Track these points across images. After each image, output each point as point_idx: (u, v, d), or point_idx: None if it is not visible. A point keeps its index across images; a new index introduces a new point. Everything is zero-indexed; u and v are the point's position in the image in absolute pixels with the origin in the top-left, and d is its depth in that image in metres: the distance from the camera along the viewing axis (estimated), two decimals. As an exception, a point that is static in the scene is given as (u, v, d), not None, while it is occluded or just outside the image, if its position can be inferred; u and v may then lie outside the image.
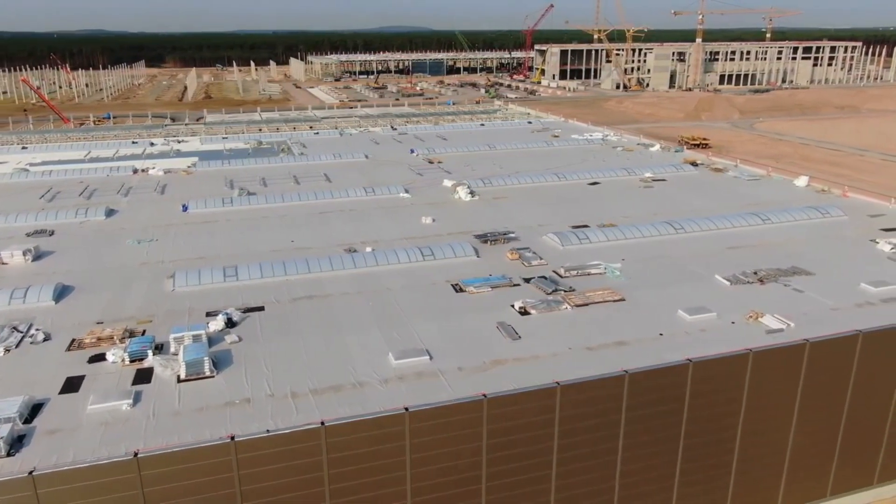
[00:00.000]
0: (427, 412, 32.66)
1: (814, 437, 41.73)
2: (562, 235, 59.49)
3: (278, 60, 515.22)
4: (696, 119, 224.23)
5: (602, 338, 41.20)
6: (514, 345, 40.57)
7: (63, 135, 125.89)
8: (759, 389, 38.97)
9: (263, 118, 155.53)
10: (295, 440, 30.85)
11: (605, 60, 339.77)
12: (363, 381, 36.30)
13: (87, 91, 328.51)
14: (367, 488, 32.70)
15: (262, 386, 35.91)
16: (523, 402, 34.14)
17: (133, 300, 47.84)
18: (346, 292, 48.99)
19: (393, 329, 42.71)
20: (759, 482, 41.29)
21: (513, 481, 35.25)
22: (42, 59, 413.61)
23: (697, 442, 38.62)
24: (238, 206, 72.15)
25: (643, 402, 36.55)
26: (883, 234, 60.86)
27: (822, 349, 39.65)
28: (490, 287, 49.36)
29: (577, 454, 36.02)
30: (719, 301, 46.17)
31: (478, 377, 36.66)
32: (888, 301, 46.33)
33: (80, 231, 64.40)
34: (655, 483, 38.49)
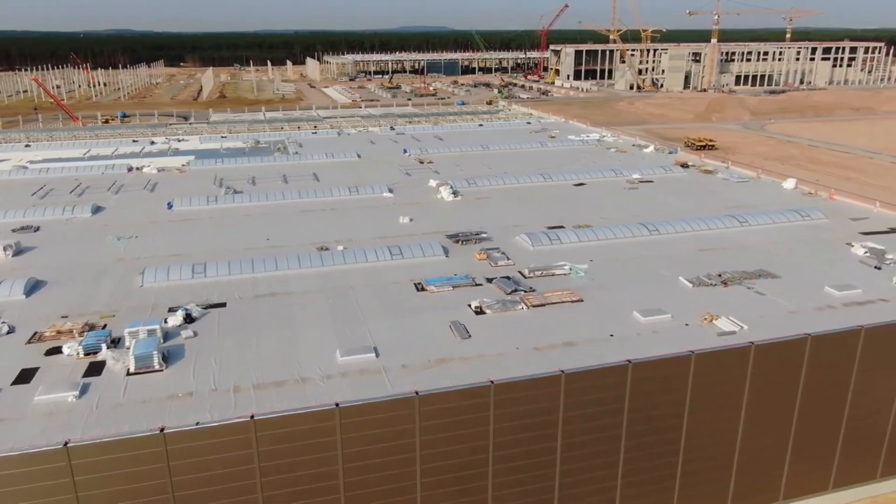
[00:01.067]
0: (357, 408, 33.23)
1: (764, 441, 41.58)
2: (533, 236, 59.71)
3: (296, 60, 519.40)
4: (707, 120, 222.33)
5: (552, 338, 41.39)
6: (463, 344, 40.95)
7: (69, 133, 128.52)
8: (704, 391, 38.98)
9: (267, 118, 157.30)
10: (224, 433, 31.58)
11: (620, 61, 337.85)
12: (306, 378, 36.93)
13: (104, 90, 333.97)
14: (299, 482, 33.35)
15: (207, 380, 36.69)
16: (455, 401, 34.55)
17: (101, 295, 48.99)
18: (309, 290, 49.71)
19: (347, 327, 43.31)
20: (707, 485, 41.25)
21: (449, 478, 35.68)
22: (64, 59, 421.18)
23: (640, 443, 38.72)
24: (222, 204, 73.34)
25: (582, 403, 36.76)
26: (860, 238, 60.28)
27: (768, 352, 39.54)
28: (451, 287, 49.79)
29: (514, 453, 36.33)
30: (678, 303, 46.15)
31: (420, 375, 37.11)
32: (850, 305, 45.99)
33: (65, 228, 65.95)
34: (597, 483, 38.66)
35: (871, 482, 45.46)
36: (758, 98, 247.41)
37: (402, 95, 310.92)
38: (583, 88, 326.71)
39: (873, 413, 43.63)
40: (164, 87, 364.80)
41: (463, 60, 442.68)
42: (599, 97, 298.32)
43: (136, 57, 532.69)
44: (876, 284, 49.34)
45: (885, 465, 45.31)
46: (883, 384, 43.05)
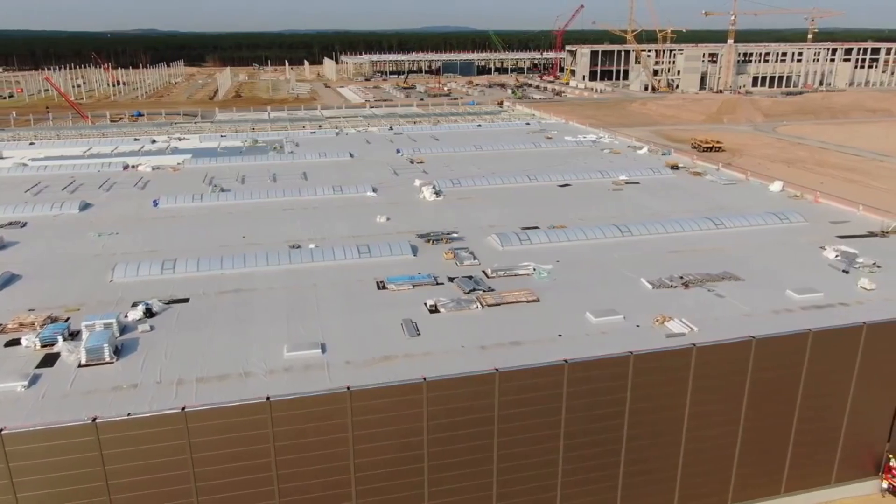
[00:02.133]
0: (288, 402, 34.00)
1: (710, 443, 41.60)
2: (503, 236, 60.07)
3: (315, 60, 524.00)
4: (718, 122, 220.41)
5: (500, 337, 41.74)
6: (412, 341, 41.52)
7: (76, 131, 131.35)
8: (645, 393, 39.15)
9: (271, 117, 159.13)
10: (155, 424, 32.52)
11: (635, 62, 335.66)
12: (250, 372, 37.76)
13: (124, 89, 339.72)
14: (232, 473, 34.20)
15: (154, 373, 37.68)
16: (387, 396, 35.16)
17: (71, 290, 50.33)
18: (273, 287, 50.61)
19: (301, 323, 44.09)
20: (651, 485, 41.38)
21: (383, 473, 36.31)
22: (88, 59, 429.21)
23: (580, 443, 39.01)
24: (207, 202, 74.69)
25: (518, 401, 37.14)
26: (836, 241, 59.70)
27: (711, 354, 39.59)
28: (412, 285, 50.37)
29: (450, 450, 36.84)
30: (634, 304, 46.24)
31: (361, 371, 37.73)
32: (808, 308, 45.72)
33: (51, 223, 67.67)
34: (536, 481, 39.01)
35: (825, 487, 45.23)
36: (771, 100, 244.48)
37: (416, 95, 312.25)
38: (597, 89, 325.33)
39: (825, 418, 43.41)
40: (182, 87, 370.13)
41: (479, 61, 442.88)
42: (612, 98, 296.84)
43: (158, 56, 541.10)
44: (840, 288, 48.98)
45: (840, 470, 45.05)
46: (834, 389, 42.82)
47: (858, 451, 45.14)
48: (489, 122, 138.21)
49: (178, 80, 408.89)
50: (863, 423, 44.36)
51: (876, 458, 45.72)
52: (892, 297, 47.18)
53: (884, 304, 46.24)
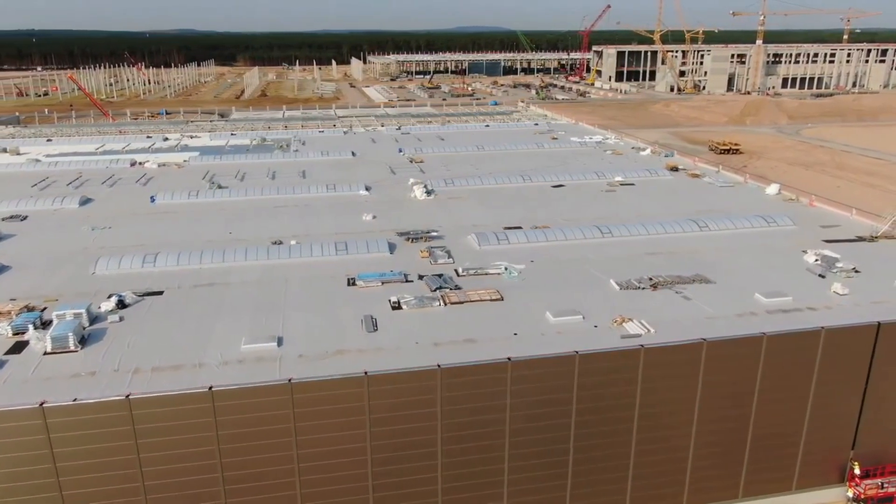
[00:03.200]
0: (231, 392, 35.00)
1: (661, 445, 41.50)
2: (481, 236, 60.47)
3: (345, 60, 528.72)
4: (741, 124, 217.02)
5: (457, 335, 42.17)
6: (368, 337, 42.24)
7: (95, 129, 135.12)
8: (593, 392, 39.25)
9: (285, 116, 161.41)
10: (100, 410, 33.79)
11: (661, 62, 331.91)
12: (204, 363, 38.84)
13: (154, 88, 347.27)
14: (177, 460, 35.32)
15: (113, 362, 38.99)
16: (329, 389, 35.94)
17: (55, 281, 52.20)
18: (246, 282, 51.81)
19: (265, 317, 45.08)
20: (603, 485, 41.42)
21: (326, 464, 37.09)
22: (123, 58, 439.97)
23: (526, 440, 39.28)
24: (203, 199, 76.47)
25: (461, 398, 37.60)
26: (820, 245, 58.77)
27: (660, 355, 39.54)
28: (381, 282, 51.10)
29: (392, 444, 37.48)
30: (598, 305, 46.27)
31: (312, 364, 38.51)
32: (773, 312, 45.23)
33: (51, 217, 70.04)
34: (481, 477, 39.40)
35: (786, 493, 44.73)
36: (797, 101, 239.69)
37: (440, 95, 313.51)
38: (622, 90, 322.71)
39: (783, 423, 42.94)
40: (210, 86, 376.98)
41: (505, 61, 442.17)
42: (636, 99, 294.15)
43: (191, 56, 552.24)
44: (812, 292, 48.34)
45: (802, 476, 44.50)
46: (791, 394, 42.34)
47: (822, 458, 44.54)
48: (499, 123, 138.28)
49: (207, 80, 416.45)
50: (825, 429, 43.76)
51: (841, 466, 45.05)
52: (862, 303, 46.45)
53: (854, 308, 45.58)
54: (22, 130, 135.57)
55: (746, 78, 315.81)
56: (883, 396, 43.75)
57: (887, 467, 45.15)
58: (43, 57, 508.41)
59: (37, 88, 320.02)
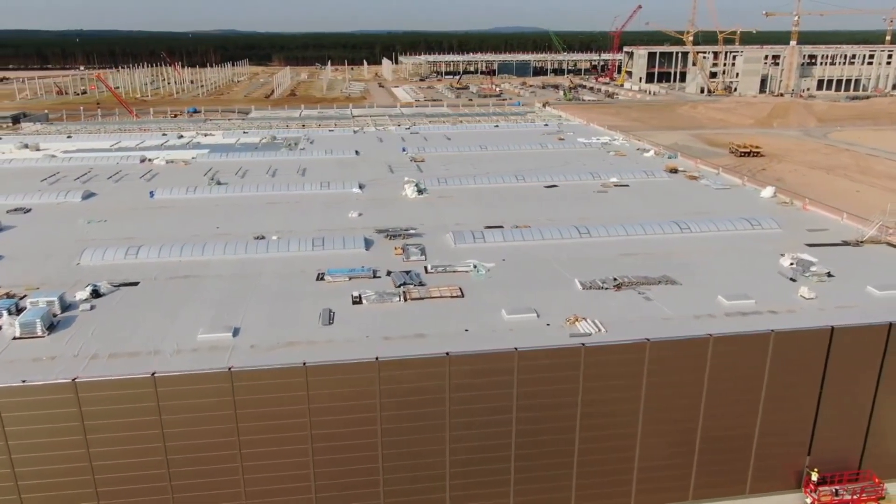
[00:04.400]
0: (173, 378, 36.42)
1: (607, 443, 41.63)
2: (457, 234, 61.12)
3: (377, 60, 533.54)
4: (767, 126, 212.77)
5: (409, 329, 42.94)
6: (322, 330, 43.30)
7: (117, 126, 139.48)
8: (534, 389, 39.63)
9: (302, 115, 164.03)
10: (48, 392, 35.52)
11: (692, 64, 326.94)
12: (160, 350, 40.38)
13: (188, 87, 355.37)
14: (123, 442, 36.88)
15: (75, 348, 40.77)
16: (269, 378, 37.10)
17: (42, 270, 54.49)
18: (221, 275, 53.38)
19: (229, 309, 46.47)
20: (546, 481, 41.73)
21: (268, 451, 38.26)
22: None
23: (468, 434, 39.86)
24: (200, 194, 78.66)
25: (401, 391, 38.38)
26: (802, 249, 57.95)
27: (602, 354, 39.73)
28: (348, 278, 52.19)
29: (333, 433, 38.45)
30: (557, 304, 46.48)
31: (263, 354, 39.67)
32: (732, 315, 44.95)
33: (53, 210, 72.92)
34: (423, 469, 40.11)
35: (739, 497, 44.40)
36: (827, 104, 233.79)
37: (467, 96, 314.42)
38: (651, 91, 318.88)
39: (734, 426, 42.65)
40: (243, 85, 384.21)
41: (536, 62, 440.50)
42: (664, 101, 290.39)
43: (228, 56, 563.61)
44: (778, 296, 47.81)
45: (756, 480, 44.12)
46: (741, 396, 42.04)
47: (777, 463, 44.09)
48: (510, 123, 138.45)
49: (241, 80, 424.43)
50: (779, 434, 43.31)
51: (798, 472, 44.52)
52: (827, 307, 45.84)
53: (816, 313, 45.00)
54: (48, 127, 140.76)
55: (780, 80, 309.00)
56: (838, 402, 43.16)
57: (845, 475, 44.49)
58: (86, 56, 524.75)
59: (76, 87, 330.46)
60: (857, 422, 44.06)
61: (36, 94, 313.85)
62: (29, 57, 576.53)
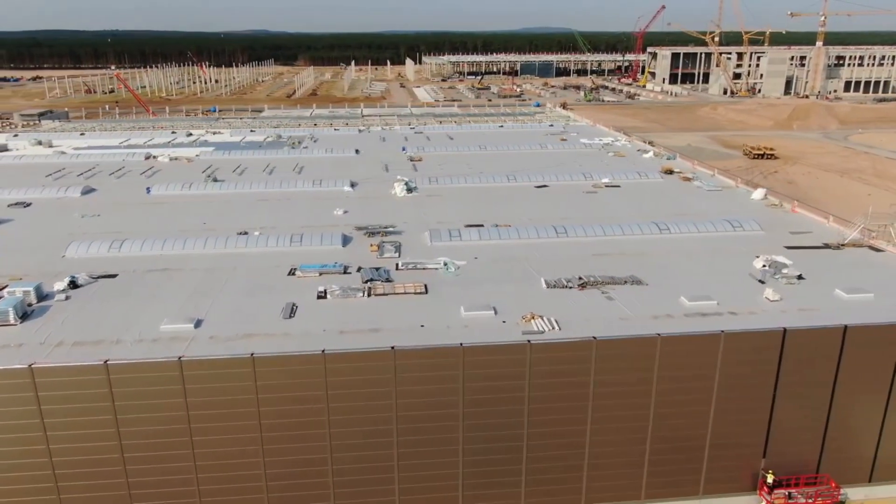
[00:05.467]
0: (124, 366, 37.75)
1: (557, 440, 41.94)
2: (434, 233, 61.84)
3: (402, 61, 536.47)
4: (787, 128, 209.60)
5: (366, 324, 43.59)
6: (283, 323, 44.25)
7: (133, 124, 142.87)
8: (481, 385, 40.15)
9: (313, 115, 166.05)
10: (4, 377, 37.08)
11: (716, 65, 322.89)
12: (121, 340, 41.77)
13: (213, 87, 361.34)
14: (79, 426, 38.31)
15: (42, 336, 42.33)
16: (218, 368, 38.22)
17: (28, 262, 56.37)
18: (197, 269, 54.78)
19: (197, 301, 47.75)
20: (495, 479, 42.21)
21: (220, 438, 39.39)
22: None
23: (416, 428, 40.54)
24: (195, 191, 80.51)
25: (347, 383, 39.23)
26: (780, 251, 57.46)
27: (548, 352, 40.10)
28: (319, 273, 53.23)
29: (281, 423, 39.45)
30: (518, 302, 46.77)
31: (220, 344, 40.70)
32: (691, 315, 44.89)
33: (52, 205, 75.30)
34: (372, 461, 40.88)
35: (692, 498, 44.38)
36: (851, 106, 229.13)
37: (487, 96, 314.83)
38: (672, 92, 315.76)
39: (685, 426, 42.66)
40: (266, 85, 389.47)
41: (559, 62, 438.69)
42: (685, 102, 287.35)
43: (256, 56, 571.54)
44: (742, 298, 47.58)
45: (710, 482, 44.07)
46: (692, 397, 42.03)
47: (731, 465, 43.96)
48: (515, 124, 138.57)
49: (265, 79, 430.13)
50: (733, 436, 43.20)
51: (754, 474, 44.34)
52: (789, 310, 45.52)
53: (778, 315, 44.67)
54: (65, 125, 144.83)
55: (806, 81, 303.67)
56: (794, 405, 42.92)
57: (802, 478, 44.19)
58: (117, 56, 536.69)
59: (104, 86, 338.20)
60: (814, 425, 43.75)
61: (66, 92, 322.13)
62: (63, 57, 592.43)
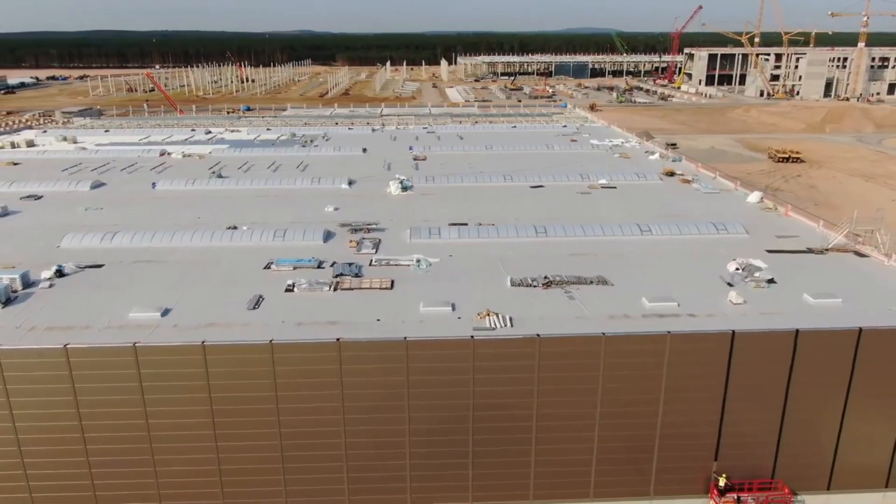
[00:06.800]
0: (84, 350, 39.75)
1: (501, 436, 42.50)
2: (414, 230, 62.85)
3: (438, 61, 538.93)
4: (820, 131, 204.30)
5: (327, 317, 44.71)
6: (246, 314, 45.68)
7: (156, 122, 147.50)
8: (426, 378, 40.99)
9: (332, 114, 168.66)
10: (-32, 359, 39.45)
11: (752, 66, 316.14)
12: (91, 326, 43.88)
13: (249, 86, 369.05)
14: (39, 407, 40.47)
15: (20, 320, 44.74)
16: (172, 354, 39.94)
17: (25, 251, 59.24)
18: (181, 261, 56.82)
19: (170, 292, 49.70)
20: (441, 472, 42.98)
21: (171, 424, 41.09)
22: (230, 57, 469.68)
23: (363, 419, 41.61)
24: (198, 186, 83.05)
25: (294, 372, 40.53)
26: (761, 255, 56.81)
27: (492, 347, 40.71)
28: (293, 267, 54.76)
29: (232, 409, 40.95)
30: (478, 299, 47.38)
31: (183, 332, 42.48)
32: (649, 316, 44.95)
33: (62, 198, 78.65)
34: (320, 449, 42.07)
35: (642, 499, 44.42)
36: (890, 108, 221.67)
37: (518, 97, 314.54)
38: (707, 94, 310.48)
39: (632, 427, 42.72)
40: (301, 84, 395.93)
41: (595, 63, 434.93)
42: (719, 104, 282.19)
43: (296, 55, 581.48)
44: (706, 300, 47.34)
45: (660, 483, 44.09)
46: (639, 397, 42.08)
47: (682, 467, 43.88)
48: (530, 124, 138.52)
49: (301, 79, 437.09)
50: (683, 437, 43.12)
51: (706, 477, 44.15)
52: (749, 313, 45.18)
53: (738, 318, 44.42)
54: (94, 122, 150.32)
55: (847, 83, 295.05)
56: (745, 409, 42.61)
57: (755, 483, 43.82)
58: (161, 56, 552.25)
59: (145, 85, 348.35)
60: (768, 430, 43.35)
61: (108, 91, 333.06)
62: (110, 56, 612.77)
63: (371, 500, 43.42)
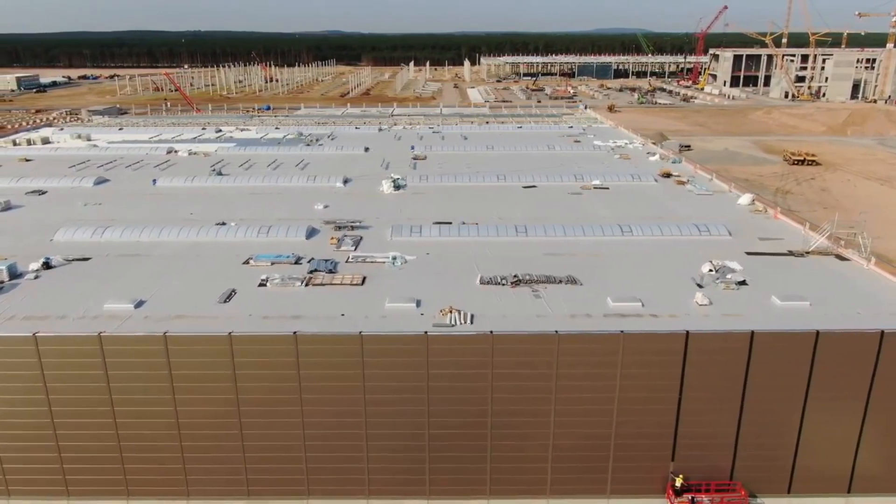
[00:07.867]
0: (52, 339, 41.31)
1: (456, 431, 43.05)
2: (395, 228, 63.69)
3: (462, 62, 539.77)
4: (841, 134, 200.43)
5: (293, 311, 45.80)
6: (217, 307, 46.94)
7: (172, 120, 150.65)
8: (383, 373, 41.75)
9: (344, 114, 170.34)
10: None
11: (777, 67, 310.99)
12: (67, 315, 45.49)
13: (273, 86, 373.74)
14: (13, 392, 42.18)
15: (1, 309, 46.72)
16: (136, 344, 41.32)
17: (19, 244, 61.46)
18: (164, 255, 58.53)
19: (150, 284, 51.23)
20: (399, 465, 43.70)
21: (136, 411, 42.49)
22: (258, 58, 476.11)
23: (322, 411, 42.53)
24: (197, 183, 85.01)
25: (253, 364, 41.61)
26: (739, 257, 56.56)
27: (447, 344, 41.31)
28: (270, 263, 55.99)
29: (195, 399, 42.19)
30: (446, 297, 47.97)
31: (154, 324, 43.78)
32: (609, 316, 45.13)
33: (65, 194, 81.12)
34: (282, 440, 43.12)
35: (600, 497, 44.61)
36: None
37: (539, 97, 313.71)
38: (730, 95, 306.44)
39: (587, 425, 42.96)
40: (324, 84, 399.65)
41: (617, 64, 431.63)
42: (742, 105, 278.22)
43: (321, 56, 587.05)
44: (671, 301, 47.34)
45: (617, 483, 44.23)
46: (593, 396, 42.30)
47: (639, 466, 43.96)
48: (538, 125, 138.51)
49: (325, 79, 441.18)
50: (638, 437, 43.23)
51: (664, 477, 44.20)
52: (712, 314, 45.16)
53: (699, 319, 44.47)
54: (112, 120, 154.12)
55: (875, 85, 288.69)
56: (701, 409, 42.59)
57: (713, 484, 43.77)
58: (190, 56, 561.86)
59: (170, 84, 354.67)
60: (725, 431, 43.24)
61: (136, 90, 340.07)
62: (141, 56, 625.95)
63: (322, 490, 44.34)
